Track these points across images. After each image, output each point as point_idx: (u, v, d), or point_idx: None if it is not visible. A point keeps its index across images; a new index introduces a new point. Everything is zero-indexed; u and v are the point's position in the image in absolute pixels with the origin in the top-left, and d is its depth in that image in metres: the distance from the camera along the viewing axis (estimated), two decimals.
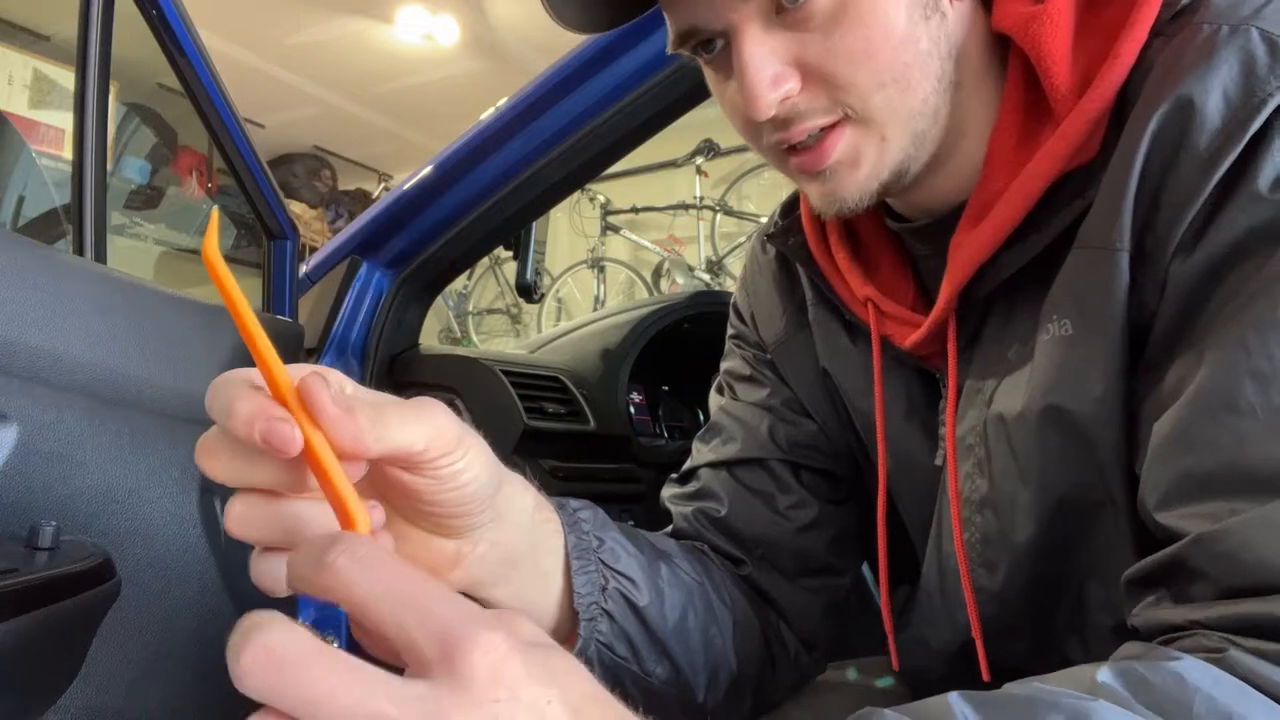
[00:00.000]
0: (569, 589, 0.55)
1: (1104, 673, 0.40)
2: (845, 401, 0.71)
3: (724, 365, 0.80)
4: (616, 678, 0.60)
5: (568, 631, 0.57)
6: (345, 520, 0.33)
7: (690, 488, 0.75)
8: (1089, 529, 0.55)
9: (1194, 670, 0.39)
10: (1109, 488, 0.53)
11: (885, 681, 0.77)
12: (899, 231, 0.65)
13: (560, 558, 0.54)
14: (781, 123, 0.54)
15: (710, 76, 0.59)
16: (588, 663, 0.57)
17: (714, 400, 0.79)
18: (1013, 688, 0.41)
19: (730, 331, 0.80)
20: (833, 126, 0.54)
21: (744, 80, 0.53)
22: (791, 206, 0.72)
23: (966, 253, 0.56)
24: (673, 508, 0.76)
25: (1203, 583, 0.44)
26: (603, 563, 0.57)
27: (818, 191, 0.57)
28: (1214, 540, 0.43)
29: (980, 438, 0.58)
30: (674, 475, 0.78)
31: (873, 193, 0.56)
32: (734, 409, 0.76)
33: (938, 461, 0.64)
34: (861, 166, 0.55)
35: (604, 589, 0.57)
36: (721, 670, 0.65)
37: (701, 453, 0.76)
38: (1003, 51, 0.57)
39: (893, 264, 0.66)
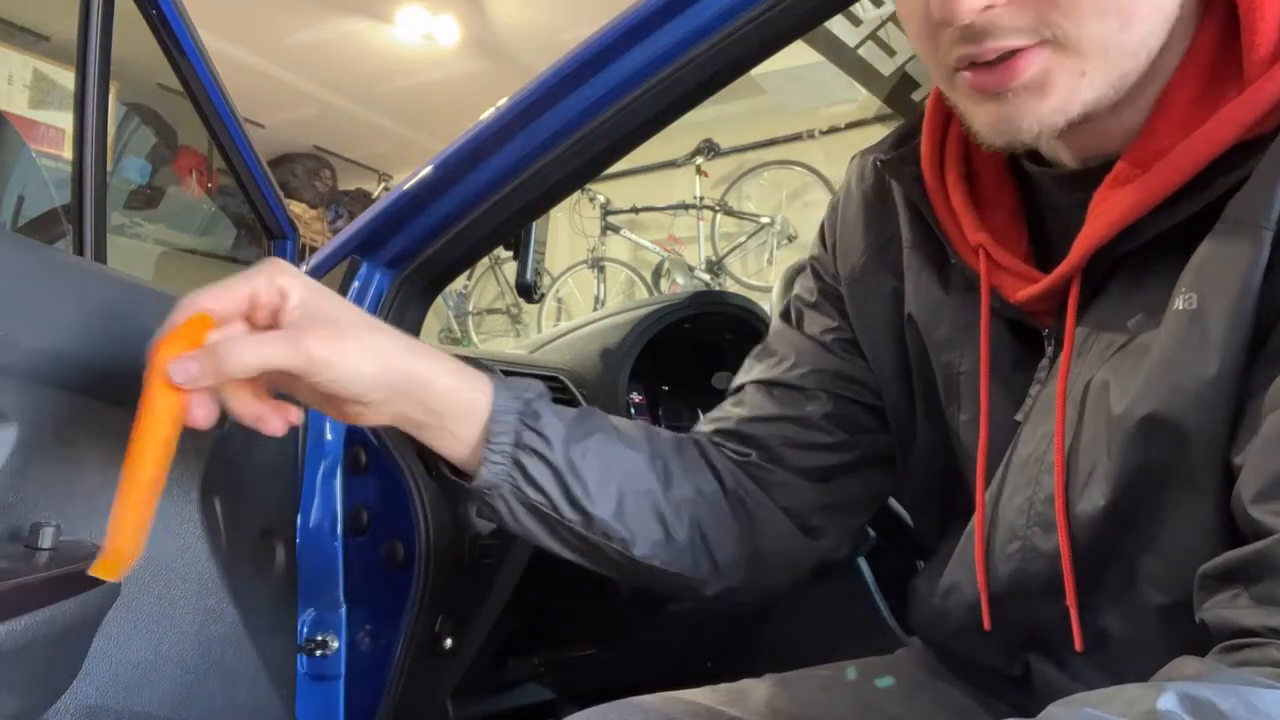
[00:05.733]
0: (484, 439, 0.63)
1: (1166, 699, 0.36)
2: (926, 348, 0.66)
3: (796, 286, 0.77)
4: (542, 516, 0.65)
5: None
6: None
7: (733, 400, 0.76)
8: (1162, 506, 0.52)
9: (1266, 697, 0.37)
10: (1194, 470, 0.50)
11: (885, 682, 0.77)
12: (1038, 177, 0.59)
13: (479, 417, 0.63)
14: (975, 35, 0.48)
15: None
16: (502, 498, 0.64)
17: (775, 323, 0.78)
18: (1061, 712, 0.38)
19: (812, 252, 0.78)
20: (1027, 48, 0.49)
21: None
22: (905, 136, 0.67)
23: (1114, 212, 0.52)
24: (708, 417, 0.77)
25: None
26: (524, 422, 0.63)
27: (991, 116, 0.51)
28: None
29: (1077, 402, 0.55)
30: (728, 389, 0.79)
31: (1056, 129, 0.51)
32: (789, 336, 0.75)
33: (1018, 417, 0.60)
34: (1049, 97, 0.49)
35: (518, 442, 0.63)
36: (676, 532, 0.68)
37: (752, 370, 0.76)
38: None
39: (1008, 211, 0.61)
